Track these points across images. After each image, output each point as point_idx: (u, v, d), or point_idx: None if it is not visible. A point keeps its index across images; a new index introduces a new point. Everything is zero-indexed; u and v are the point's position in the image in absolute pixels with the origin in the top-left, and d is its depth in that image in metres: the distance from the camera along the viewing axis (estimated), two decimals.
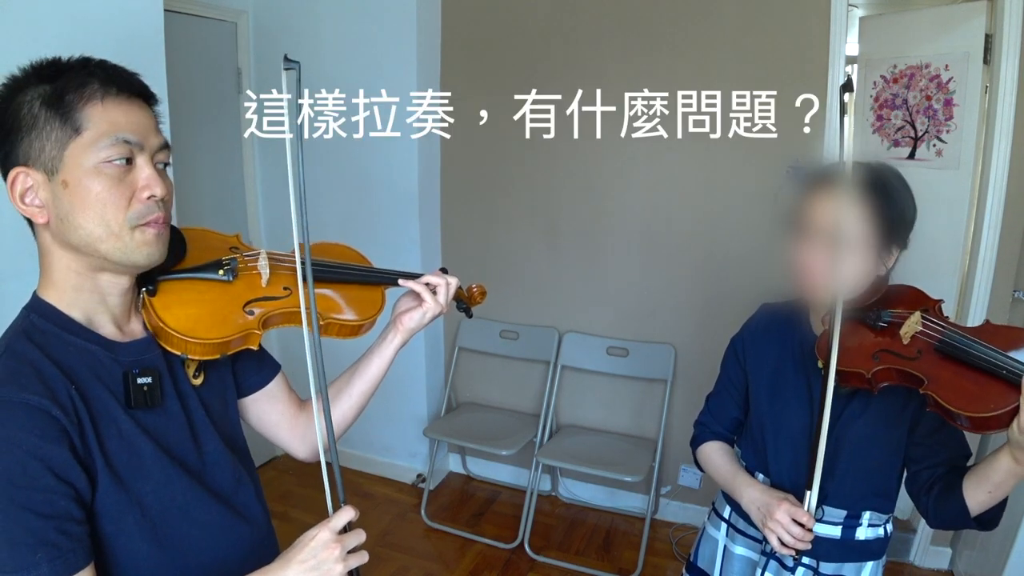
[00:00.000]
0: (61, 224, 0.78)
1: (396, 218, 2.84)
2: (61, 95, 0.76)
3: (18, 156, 0.77)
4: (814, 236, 1.10)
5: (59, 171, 0.77)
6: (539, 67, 2.65)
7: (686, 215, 2.59)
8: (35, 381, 0.75)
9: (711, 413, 1.37)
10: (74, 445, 0.75)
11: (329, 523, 0.82)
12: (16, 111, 0.76)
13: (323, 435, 0.90)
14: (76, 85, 0.77)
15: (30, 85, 0.77)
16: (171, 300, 0.88)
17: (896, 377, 1.02)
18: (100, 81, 0.78)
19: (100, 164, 0.77)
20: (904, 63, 2.42)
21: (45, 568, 0.70)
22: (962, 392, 0.94)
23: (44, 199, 0.78)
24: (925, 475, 1.12)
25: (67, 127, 0.76)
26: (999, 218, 2.17)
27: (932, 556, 2.49)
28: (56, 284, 0.82)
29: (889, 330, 1.07)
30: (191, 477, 0.87)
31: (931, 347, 1.01)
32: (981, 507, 1.03)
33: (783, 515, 1.10)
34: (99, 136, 0.77)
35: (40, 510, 0.71)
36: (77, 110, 0.76)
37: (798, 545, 1.10)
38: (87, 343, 0.82)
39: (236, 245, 1.01)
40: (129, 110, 0.80)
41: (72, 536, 0.73)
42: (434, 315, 1.07)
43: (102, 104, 0.78)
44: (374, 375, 1.07)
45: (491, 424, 2.85)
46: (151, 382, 0.84)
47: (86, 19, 1.66)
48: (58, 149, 0.76)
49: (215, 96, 2.78)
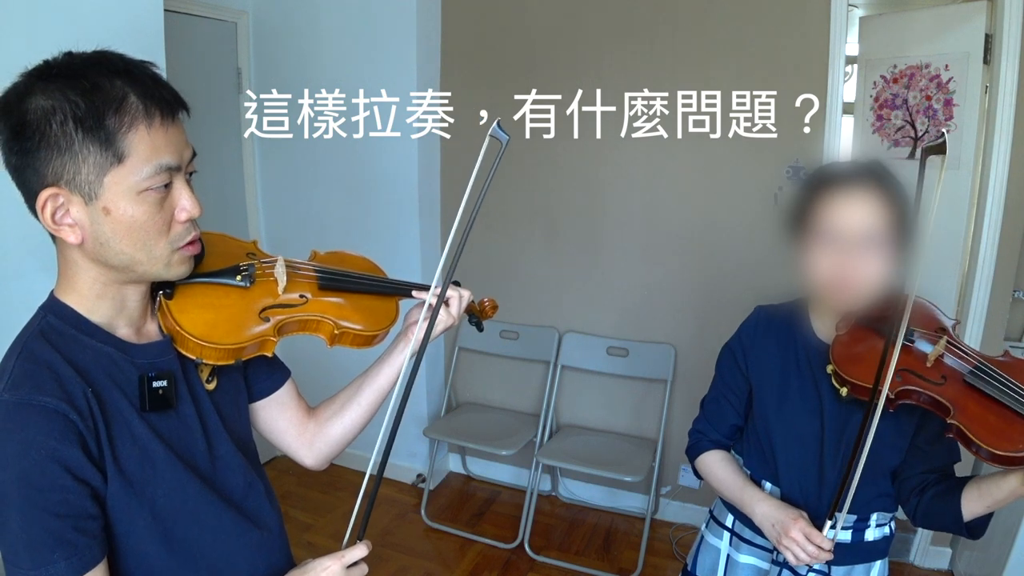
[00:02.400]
0: (101, 248, 0.77)
1: (396, 218, 2.84)
2: (100, 119, 0.72)
3: (47, 175, 0.73)
4: (833, 240, 1.06)
5: (99, 197, 0.74)
6: (539, 67, 2.65)
7: (686, 215, 2.59)
8: (52, 383, 0.74)
9: (708, 420, 1.32)
10: (88, 446, 0.75)
11: (343, 557, 0.82)
12: (41, 124, 0.72)
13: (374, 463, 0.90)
14: (114, 104, 0.73)
15: (50, 90, 0.72)
16: (188, 304, 0.88)
17: (919, 400, 1.01)
18: (138, 98, 0.74)
19: (143, 192, 0.76)
20: (904, 63, 2.42)
21: (62, 565, 0.71)
22: (988, 427, 0.93)
23: (79, 220, 0.76)
24: (918, 479, 1.12)
25: (108, 154, 0.73)
26: (999, 218, 2.17)
27: (932, 556, 2.48)
28: (78, 291, 0.81)
29: (911, 349, 1.05)
30: (202, 481, 0.86)
31: (958, 376, 1.00)
32: (973, 516, 1.03)
33: (798, 534, 1.09)
34: (141, 163, 0.75)
35: (58, 511, 0.72)
36: (119, 138, 0.73)
37: (813, 562, 1.09)
38: (104, 345, 0.81)
39: (253, 251, 1.01)
40: (168, 131, 0.77)
41: (88, 533, 0.74)
42: (445, 327, 1.06)
43: (147, 132, 0.75)
44: (383, 384, 1.07)
45: (491, 424, 2.85)
46: (166, 386, 0.84)
47: (86, 19, 1.66)
48: (96, 175, 0.74)
49: (215, 96, 2.78)
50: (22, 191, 0.77)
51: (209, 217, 0.86)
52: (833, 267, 1.06)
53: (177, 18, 2.41)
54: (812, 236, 1.09)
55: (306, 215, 2.97)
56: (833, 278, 1.07)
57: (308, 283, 0.99)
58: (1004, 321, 2.32)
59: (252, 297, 0.93)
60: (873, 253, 1.04)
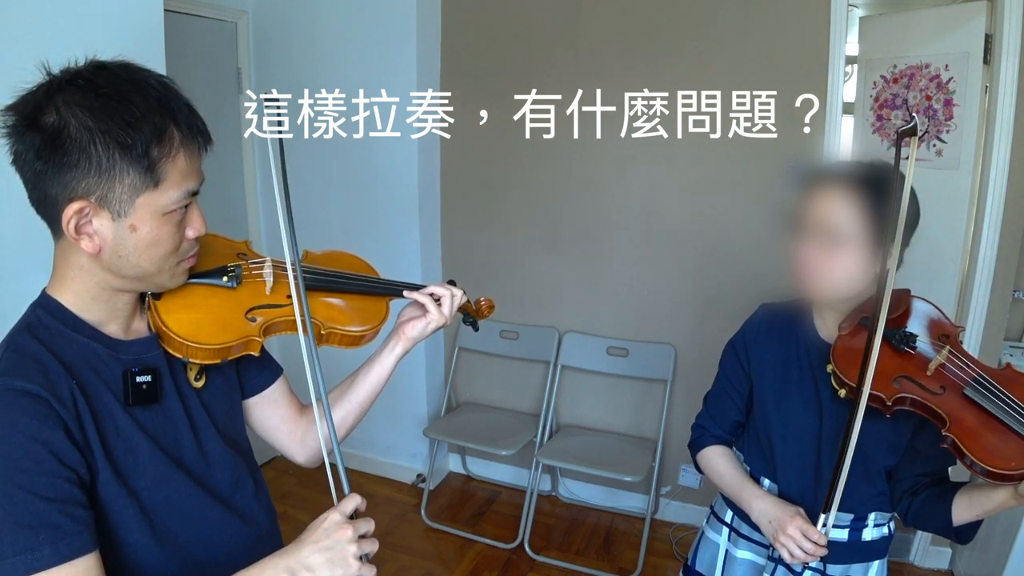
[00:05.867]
0: (118, 260, 0.80)
1: (396, 218, 2.84)
2: (146, 148, 0.75)
3: (77, 188, 0.75)
4: (810, 233, 1.10)
5: (127, 215, 0.77)
6: (539, 67, 2.65)
7: (686, 215, 2.59)
8: (36, 372, 0.76)
9: (710, 415, 1.34)
10: (72, 433, 0.75)
11: (339, 507, 0.82)
12: (83, 142, 0.73)
13: (324, 431, 0.90)
14: (157, 135, 0.76)
15: (95, 109, 0.73)
16: (175, 304, 0.89)
17: (916, 408, 1.01)
18: (178, 130, 0.78)
19: (168, 214, 0.80)
20: (904, 63, 2.42)
21: (48, 549, 0.70)
22: (984, 442, 0.93)
23: (101, 233, 0.77)
24: (911, 481, 1.12)
25: (146, 179, 0.76)
26: (999, 218, 2.17)
27: (932, 556, 2.48)
28: (74, 291, 0.83)
29: (913, 356, 1.04)
30: (188, 476, 0.87)
31: (957, 387, 0.99)
32: (963, 522, 1.05)
33: (795, 531, 1.10)
34: (172, 188, 0.79)
35: (43, 493, 0.71)
36: (160, 166, 0.77)
37: (808, 559, 1.10)
38: (90, 340, 0.83)
39: (244, 251, 1.01)
40: (194, 158, 0.82)
41: (76, 519, 0.73)
42: (437, 326, 1.07)
43: (185, 162, 0.80)
44: (374, 383, 1.08)
45: (491, 424, 2.85)
46: (150, 380, 0.85)
47: (86, 19, 1.66)
48: (129, 195, 0.76)
49: (215, 96, 2.78)
50: (36, 193, 0.77)
51: (209, 217, 0.86)
52: (803, 257, 1.10)
53: (177, 18, 2.41)
54: (796, 228, 1.12)
55: (306, 215, 2.96)
56: (800, 266, 1.11)
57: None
58: (1004, 321, 2.32)
59: (239, 298, 0.94)
60: (845, 249, 1.06)
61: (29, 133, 0.74)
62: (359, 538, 0.80)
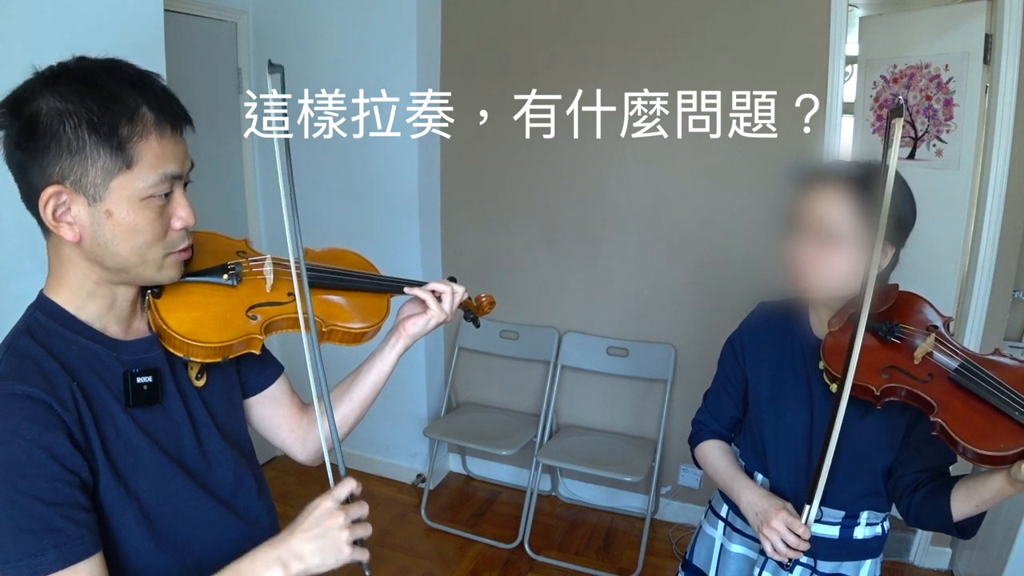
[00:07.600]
0: (98, 248, 0.79)
1: (396, 218, 2.84)
2: (114, 126, 0.74)
3: (53, 173, 0.75)
4: (806, 231, 1.11)
5: (103, 200, 0.76)
6: (539, 67, 2.65)
7: (686, 215, 2.59)
8: (36, 375, 0.75)
9: (709, 411, 1.36)
10: (74, 436, 0.75)
11: (332, 493, 0.82)
12: (53, 124, 0.73)
13: (325, 429, 0.90)
14: (128, 114, 0.75)
15: (67, 93, 0.74)
16: (175, 303, 0.88)
17: (905, 397, 1.01)
18: (151, 110, 0.77)
19: (145, 199, 0.78)
20: (904, 63, 2.42)
21: (52, 554, 0.70)
22: (972, 426, 0.93)
23: (79, 220, 0.77)
24: (911, 478, 1.12)
25: (117, 159, 0.75)
26: (999, 218, 2.17)
27: (932, 556, 2.49)
28: (69, 288, 0.82)
29: (900, 346, 1.05)
30: (189, 476, 0.87)
31: (944, 374, 1.00)
32: (964, 516, 1.04)
33: (779, 524, 1.11)
34: (147, 170, 0.77)
35: (45, 497, 0.71)
36: (130, 146, 0.76)
37: (791, 554, 1.10)
38: (90, 342, 0.82)
39: (244, 249, 1.01)
40: (174, 142, 0.80)
41: (79, 523, 0.73)
42: (438, 322, 1.07)
43: (157, 143, 0.78)
44: (375, 380, 1.08)
45: (491, 424, 2.85)
46: (151, 381, 0.85)
47: (86, 19, 1.66)
48: (103, 178, 0.76)
49: (215, 96, 2.78)
50: (22, 187, 0.78)
51: (209, 216, 0.86)
52: (799, 255, 1.11)
53: (177, 18, 2.41)
54: (792, 227, 1.13)
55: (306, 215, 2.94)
56: (796, 264, 1.12)
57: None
58: (1004, 321, 2.32)
59: (239, 296, 0.94)
60: (840, 248, 1.07)
61: (11, 126, 0.75)
62: (352, 523, 0.80)
